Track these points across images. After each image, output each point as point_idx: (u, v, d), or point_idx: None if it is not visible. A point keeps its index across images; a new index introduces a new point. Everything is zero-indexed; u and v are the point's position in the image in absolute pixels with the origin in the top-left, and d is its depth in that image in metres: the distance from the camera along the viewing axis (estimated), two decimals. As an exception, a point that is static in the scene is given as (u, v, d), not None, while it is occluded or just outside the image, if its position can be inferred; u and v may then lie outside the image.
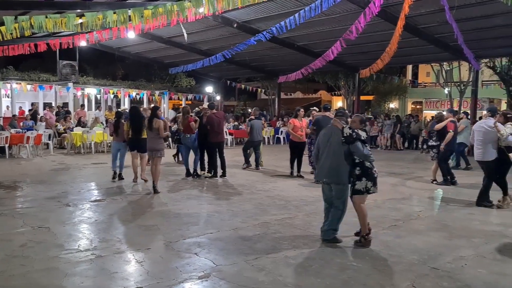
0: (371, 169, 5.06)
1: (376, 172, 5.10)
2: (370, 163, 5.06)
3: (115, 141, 9.61)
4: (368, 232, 5.13)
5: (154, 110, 8.59)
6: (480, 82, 24.05)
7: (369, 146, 5.18)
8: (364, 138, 5.07)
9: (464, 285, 4.00)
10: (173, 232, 5.53)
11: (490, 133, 7.16)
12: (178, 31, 16.43)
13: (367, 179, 5.03)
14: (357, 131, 5.05)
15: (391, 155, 15.98)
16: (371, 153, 5.07)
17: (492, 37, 14.76)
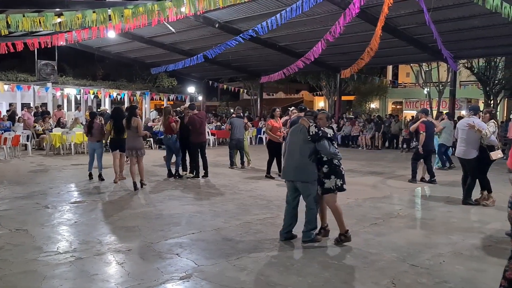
0: (339, 166, 5.08)
1: (343, 169, 5.15)
2: (338, 161, 5.08)
3: (90, 141, 9.72)
4: (347, 230, 5.15)
5: (133, 109, 8.81)
6: (458, 83, 24.49)
7: (336, 144, 5.16)
8: (331, 136, 5.03)
9: (442, 281, 4.07)
10: (155, 233, 5.49)
11: (472, 131, 7.29)
12: (160, 31, 16.37)
13: (336, 177, 5.05)
14: (323, 129, 5.04)
15: (372, 155, 16.18)
16: (338, 151, 5.07)
17: (469, 38, 15.07)
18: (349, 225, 5.94)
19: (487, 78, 24.40)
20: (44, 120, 16.52)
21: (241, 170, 11.50)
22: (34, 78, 19.95)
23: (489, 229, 5.94)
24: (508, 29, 12.83)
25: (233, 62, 21.91)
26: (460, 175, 8.02)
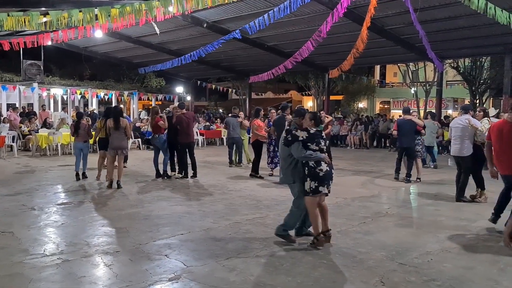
0: (315, 168, 4.94)
1: (322, 171, 4.94)
2: (314, 163, 4.95)
3: (76, 141, 9.74)
4: (319, 233, 5.03)
5: (121, 110, 9.04)
6: (445, 82, 24.78)
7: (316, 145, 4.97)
8: (304, 138, 4.95)
9: (430, 279, 4.10)
10: (143, 234, 5.44)
11: (467, 129, 7.44)
12: (147, 30, 16.24)
13: (311, 179, 4.96)
14: (294, 132, 5.02)
15: (360, 154, 16.27)
16: (312, 153, 4.92)
17: (455, 39, 15.22)
18: (338, 224, 6.01)
19: (473, 77, 24.71)
20: (30, 120, 16.30)
21: (231, 169, 11.47)
22: (20, 78, 19.65)
23: (476, 227, 6.00)
24: (493, 29, 12.98)
25: (221, 62, 21.86)
26: (449, 173, 8.13)
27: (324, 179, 4.98)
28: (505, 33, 12.83)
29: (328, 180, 5.04)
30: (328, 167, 5.02)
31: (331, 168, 5.08)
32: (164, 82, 30.57)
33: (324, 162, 4.98)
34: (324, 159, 4.97)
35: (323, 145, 5.06)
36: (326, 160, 5.00)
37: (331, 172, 5.07)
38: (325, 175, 4.97)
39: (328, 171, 5.01)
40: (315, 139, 5.00)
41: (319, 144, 5.00)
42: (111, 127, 8.68)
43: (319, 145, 4.99)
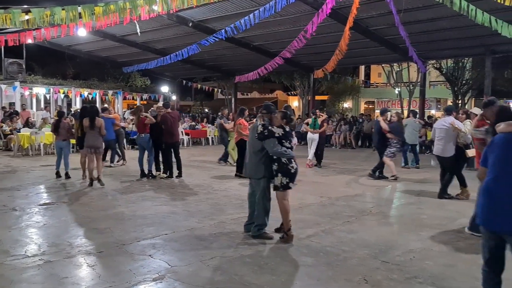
0: (287, 165, 5.09)
1: (293, 168, 5.12)
2: (286, 160, 5.09)
3: (56, 140, 9.85)
4: (289, 228, 5.19)
5: (97, 109, 9.14)
6: (428, 83, 25.13)
7: (290, 143, 5.15)
8: (280, 135, 5.08)
9: (412, 276, 4.16)
10: (127, 235, 5.40)
11: (450, 130, 7.62)
12: (132, 29, 16.09)
13: (283, 175, 5.11)
14: (270, 128, 5.12)
15: (345, 154, 16.41)
16: (286, 150, 5.07)
17: (438, 40, 15.44)
18: (323, 223, 6.06)
19: (455, 78, 25.14)
20: (12, 120, 16.03)
21: (217, 169, 11.46)
22: (1, 77, 19.32)
23: (458, 225, 6.10)
24: (475, 31, 13.21)
25: (207, 62, 21.81)
26: (432, 173, 8.30)
27: (294, 176, 5.21)
28: (486, 35, 13.09)
29: (296, 177, 5.26)
30: (297, 165, 5.24)
31: (297, 165, 5.30)
32: (149, 81, 30.37)
33: (294, 160, 5.18)
34: (294, 157, 5.19)
35: (293, 143, 5.30)
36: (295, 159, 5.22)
37: (298, 170, 5.29)
38: (295, 172, 5.19)
39: (297, 169, 5.24)
40: (289, 137, 5.19)
41: (290, 142, 5.21)
42: (86, 126, 8.80)
43: (290, 143, 5.19)
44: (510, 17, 10.60)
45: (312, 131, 11.91)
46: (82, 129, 9.02)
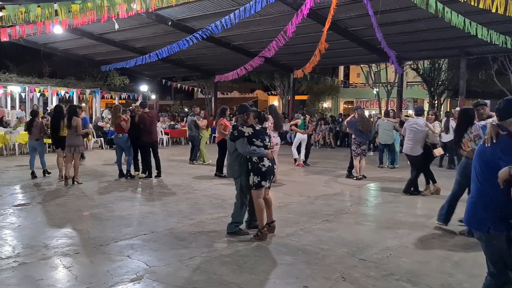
0: (258, 163, 5.20)
1: (264, 166, 5.20)
2: (257, 159, 5.19)
3: (29, 139, 9.79)
4: (263, 226, 5.29)
5: (73, 108, 9.04)
6: (405, 83, 25.54)
7: (261, 142, 5.23)
8: (249, 134, 5.18)
9: (388, 273, 4.24)
10: (104, 235, 5.34)
11: (420, 132, 8.00)
12: (110, 27, 15.85)
13: (254, 174, 5.23)
14: (240, 128, 5.24)
15: (325, 153, 16.54)
16: (256, 149, 5.15)
17: (415, 41, 15.70)
18: (302, 222, 6.10)
19: (432, 79, 25.62)
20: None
21: (196, 169, 11.41)
22: (-26, 75, 18.80)
23: (433, 223, 6.22)
24: (450, 33, 13.46)
25: (186, 61, 21.67)
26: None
27: (266, 174, 5.26)
28: (461, 37, 13.37)
29: (270, 175, 5.31)
30: (270, 163, 5.29)
31: (273, 164, 5.36)
32: (128, 80, 29.99)
33: (267, 158, 5.24)
34: (267, 155, 5.25)
35: (267, 141, 5.33)
36: (269, 156, 5.28)
37: (273, 168, 5.35)
38: (267, 170, 5.24)
39: (270, 167, 5.28)
40: (260, 136, 5.26)
41: (264, 140, 5.28)
42: (64, 126, 8.83)
43: (263, 142, 5.26)
44: (484, 19, 10.89)
45: (303, 132, 12.03)
46: (56, 128, 9.04)
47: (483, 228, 2.91)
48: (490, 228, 2.87)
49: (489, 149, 2.88)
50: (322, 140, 19.40)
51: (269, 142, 5.37)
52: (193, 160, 12.51)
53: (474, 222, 3.03)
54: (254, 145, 5.18)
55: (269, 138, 5.41)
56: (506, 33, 11.44)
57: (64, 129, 8.94)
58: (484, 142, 2.94)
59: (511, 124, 2.87)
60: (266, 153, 5.25)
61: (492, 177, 2.78)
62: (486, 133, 2.96)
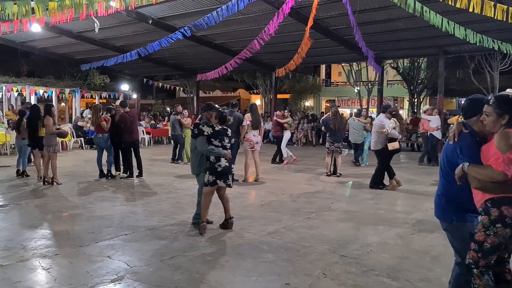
0: (215, 163, 5.34)
1: (220, 166, 5.34)
2: (214, 158, 5.35)
3: (17, 139, 9.95)
4: (203, 221, 5.47)
5: (47, 107, 8.92)
6: (385, 82, 25.86)
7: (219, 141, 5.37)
8: (209, 134, 5.34)
9: (369, 269, 4.29)
10: (84, 236, 5.27)
11: (380, 127, 8.53)
12: (90, 25, 15.62)
13: (210, 173, 5.39)
14: (201, 126, 5.39)
15: (307, 151, 16.64)
16: (214, 149, 5.30)
17: (394, 40, 15.90)
18: (284, 220, 6.13)
19: (411, 77, 26.00)
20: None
21: (178, 168, 11.35)
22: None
23: (412, 219, 6.33)
24: (429, 32, 13.66)
25: (168, 60, 21.49)
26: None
27: (222, 174, 5.38)
28: (439, 36, 13.58)
29: (226, 175, 5.43)
30: (228, 163, 5.42)
31: (231, 163, 5.51)
32: (108, 79, 29.63)
33: (225, 158, 5.38)
34: (225, 155, 5.37)
35: (227, 142, 5.47)
36: (227, 156, 5.40)
37: (230, 168, 5.49)
38: (223, 170, 5.37)
39: (227, 167, 5.42)
40: (219, 136, 5.39)
41: (223, 141, 5.41)
42: (41, 126, 8.81)
43: (222, 142, 5.40)
44: (461, 19, 11.09)
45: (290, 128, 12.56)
46: (33, 128, 8.94)
47: (447, 219, 3.12)
48: (453, 219, 3.08)
49: (451, 147, 3.04)
50: (304, 138, 19.51)
51: (228, 143, 5.49)
52: (178, 160, 12.40)
53: (440, 214, 3.22)
54: (212, 145, 5.32)
55: (229, 139, 5.53)
56: (483, 32, 11.69)
57: (42, 129, 8.80)
58: (448, 139, 3.09)
59: (475, 122, 3.01)
60: (224, 153, 5.37)
61: (453, 173, 2.96)
62: (450, 131, 3.09)
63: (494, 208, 2.80)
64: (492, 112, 2.85)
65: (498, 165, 2.70)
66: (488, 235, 2.83)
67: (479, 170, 2.80)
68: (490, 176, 2.74)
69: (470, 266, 2.94)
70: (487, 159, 2.82)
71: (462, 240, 3.08)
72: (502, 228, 2.79)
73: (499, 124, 2.85)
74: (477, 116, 2.98)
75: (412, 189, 8.68)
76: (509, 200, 2.78)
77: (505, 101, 2.88)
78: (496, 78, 22.30)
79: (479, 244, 2.88)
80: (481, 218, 2.89)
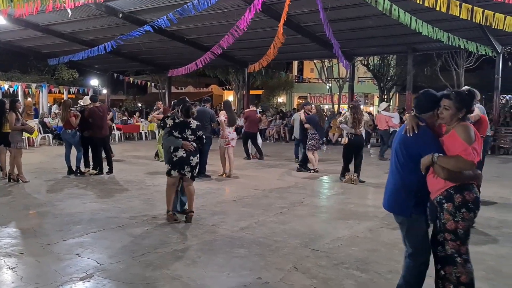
0: (172, 153, 5.62)
1: (176, 156, 5.57)
2: (172, 148, 5.61)
3: None
4: (168, 209, 5.79)
5: (11, 103, 8.71)
6: (356, 78, 26.26)
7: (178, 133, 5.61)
8: (170, 125, 5.65)
9: (339, 262, 4.37)
10: (52, 234, 5.15)
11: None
12: (57, 18, 15.27)
13: (167, 162, 5.77)
14: (166, 119, 5.80)
15: (279, 147, 16.73)
16: (171, 139, 5.58)
17: (364, 37, 16.14)
18: (256, 215, 6.16)
19: (381, 74, 26.50)
20: None
21: (150, 165, 11.21)
22: None
23: (381, 212, 6.43)
24: (398, 30, 13.95)
25: (139, 55, 21.16)
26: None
27: (176, 164, 5.62)
28: (408, 34, 13.88)
29: (181, 165, 5.61)
30: (186, 154, 5.59)
31: (189, 155, 5.61)
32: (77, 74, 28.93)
33: (184, 149, 5.57)
34: (183, 146, 5.56)
35: (189, 134, 5.65)
36: (186, 147, 5.57)
37: (187, 159, 5.61)
38: (178, 160, 5.60)
39: (183, 158, 5.59)
40: (179, 128, 5.64)
41: (183, 132, 5.63)
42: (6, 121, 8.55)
43: (182, 134, 5.62)
44: (429, 17, 11.36)
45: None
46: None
47: (406, 212, 3.17)
48: (413, 212, 3.14)
49: (411, 139, 3.11)
50: (277, 134, 19.61)
51: (191, 135, 5.65)
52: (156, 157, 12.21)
53: (397, 208, 3.25)
54: (173, 136, 5.59)
55: (191, 131, 5.67)
56: (449, 31, 12.03)
57: (6, 125, 8.53)
58: (405, 132, 3.14)
59: (430, 117, 3.14)
60: (182, 143, 5.55)
61: (414, 165, 3.07)
62: (406, 123, 3.17)
63: (457, 194, 2.96)
64: (452, 106, 3.01)
65: (468, 155, 2.86)
66: (457, 222, 2.97)
67: (449, 161, 2.92)
68: (461, 165, 2.90)
69: (453, 256, 3.04)
70: (453, 150, 2.95)
71: (418, 232, 3.16)
72: (467, 212, 2.96)
73: (456, 117, 3.02)
74: (433, 111, 3.11)
75: (382, 183, 8.83)
76: (469, 186, 2.98)
77: (464, 96, 3.07)
78: (462, 75, 23.00)
79: (453, 233, 3.01)
80: (445, 206, 3.00)
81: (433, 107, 3.10)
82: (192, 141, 5.66)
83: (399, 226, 3.28)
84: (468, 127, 2.96)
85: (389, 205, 3.31)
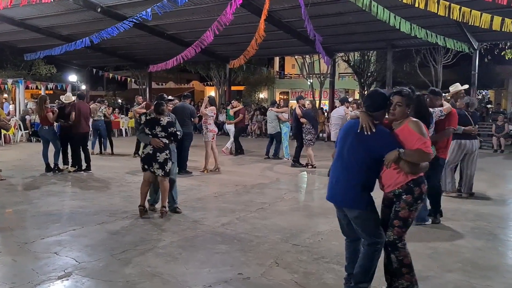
0: (143, 149, 5.81)
1: (144, 153, 5.76)
2: (144, 144, 5.82)
3: None
4: (139, 205, 5.81)
5: None
6: (337, 74, 26.44)
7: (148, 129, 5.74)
8: (143, 122, 5.88)
9: (320, 257, 4.41)
10: (30, 232, 5.06)
11: (340, 119, 8.92)
12: (34, 12, 14.94)
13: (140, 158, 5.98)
14: (143, 116, 6.02)
15: (261, 143, 16.72)
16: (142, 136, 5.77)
17: (345, 33, 16.28)
18: (237, 211, 6.15)
19: (362, 70, 26.72)
20: None
21: (131, 161, 11.10)
22: None
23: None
24: (378, 26, 14.05)
25: (118, 50, 20.90)
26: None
27: (144, 160, 5.77)
28: (387, 30, 14.02)
29: (148, 162, 5.71)
30: (152, 150, 5.67)
31: (155, 151, 5.66)
32: (55, 69, 28.35)
33: (152, 145, 5.65)
34: (151, 142, 5.65)
35: (159, 131, 5.70)
36: (153, 144, 5.64)
37: (153, 155, 5.67)
38: (145, 156, 5.74)
39: (149, 155, 5.68)
40: (149, 124, 5.74)
41: (153, 129, 5.70)
42: None
43: (152, 130, 5.70)
44: (408, 13, 11.50)
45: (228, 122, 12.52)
46: None
47: (362, 206, 3.26)
48: (368, 205, 3.26)
49: (371, 138, 3.19)
50: (258, 130, 19.63)
51: (161, 131, 5.70)
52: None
53: (352, 202, 3.29)
54: (144, 133, 5.73)
55: (161, 128, 5.71)
56: (428, 28, 12.19)
57: None
58: (360, 130, 3.21)
59: (382, 115, 3.29)
60: (150, 140, 5.66)
61: (371, 161, 3.20)
62: (361, 121, 3.24)
63: (416, 187, 3.19)
64: (404, 102, 3.21)
65: (426, 147, 3.09)
66: (411, 211, 3.21)
67: (414, 154, 3.09)
68: (424, 158, 3.10)
69: (395, 242, 3.25)
70: (410, 145, 3.11)
71: (373, 223, 3.29)
72: (421, 202, 3.24)
73: (405, 113, 3.22)
74: (384, 109, 3.25)
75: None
76: (423, 178, 3.25)
77: (410, 93, 3.28)
78: (440, 71, 23.35)
79: (403, 221, 3.23)
80: (404, 197, 3.19)
81: (386, 104, 3.24)
82: (163, 137, 5.71)
83: (353, 220, 3.33)
84: (420, 122, 3.19)
85: (343, 200, 3.36)
